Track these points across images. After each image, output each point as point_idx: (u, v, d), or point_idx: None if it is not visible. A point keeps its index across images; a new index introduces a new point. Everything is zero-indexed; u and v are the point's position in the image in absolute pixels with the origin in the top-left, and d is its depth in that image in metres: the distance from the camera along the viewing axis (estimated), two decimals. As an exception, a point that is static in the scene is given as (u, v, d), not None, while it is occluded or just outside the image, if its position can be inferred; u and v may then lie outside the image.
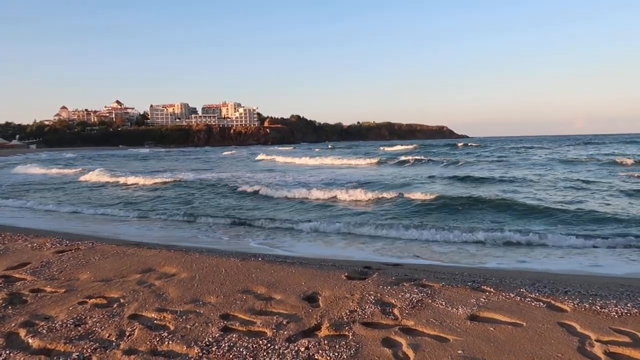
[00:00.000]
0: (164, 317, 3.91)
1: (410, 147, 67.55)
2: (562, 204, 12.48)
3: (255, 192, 16.28)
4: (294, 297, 4.35)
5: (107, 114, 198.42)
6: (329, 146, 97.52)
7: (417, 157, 37.22)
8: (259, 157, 51.25)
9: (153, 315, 3.96)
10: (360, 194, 14.66)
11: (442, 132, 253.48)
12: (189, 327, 3.67)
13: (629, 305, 4.17)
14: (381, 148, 70.28)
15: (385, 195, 14.54)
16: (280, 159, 45.75)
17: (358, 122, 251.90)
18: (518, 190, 16.32)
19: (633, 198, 13.87)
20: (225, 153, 68.39)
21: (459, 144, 71.22)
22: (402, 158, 37.58)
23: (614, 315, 3.92)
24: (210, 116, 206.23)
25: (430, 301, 4.22)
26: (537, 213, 11.31)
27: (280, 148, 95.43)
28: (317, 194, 15.07)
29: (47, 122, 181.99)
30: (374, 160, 37.13)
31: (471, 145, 70.24)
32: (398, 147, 67.03)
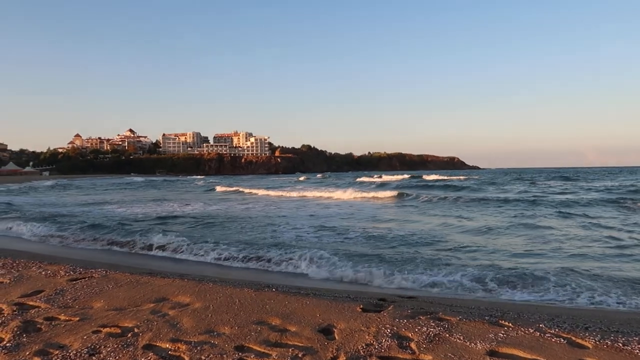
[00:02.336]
0: (178, 347, 3.87)
1: (397, 177, 65.34)
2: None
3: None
4: (309, 329, 4.30)
5: (120, 142, 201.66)
6: (318, 176, 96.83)
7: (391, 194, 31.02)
8: (218, 188, 48.80)
9: (167, 345, 3.93)
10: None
11: (452, 163, 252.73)
12: (203, 358, 3.63)
13: (653, 342, 4.07)
14: (373, 177, 68.21)
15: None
16: (248, 190, 42.32)
17: (369, 153, 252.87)
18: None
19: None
20: (198, 183, 63.14)
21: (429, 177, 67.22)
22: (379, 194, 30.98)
23: (638, 352, 3.82)
24: (221, 145, 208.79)
25: (447, 335, 4.15)
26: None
27: (277, 178, 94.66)
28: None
29: (60, 150, 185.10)
30: (357, 195, 31.22)
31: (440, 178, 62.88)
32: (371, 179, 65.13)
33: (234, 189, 46.12)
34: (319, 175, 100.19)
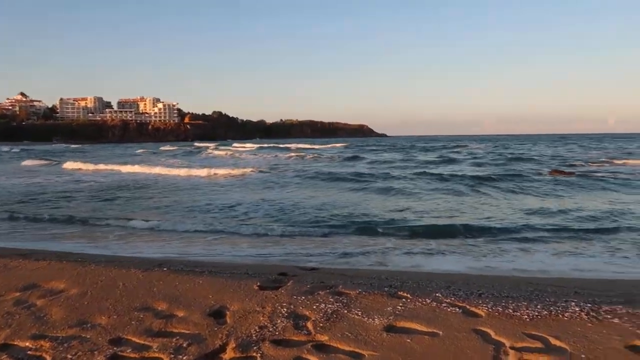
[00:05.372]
0: (40, 345, 3.35)
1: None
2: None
3: None
4: (199, 314, 3.94)
5: (10, 107, 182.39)
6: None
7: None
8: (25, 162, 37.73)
9: (27, 343, 3.39)
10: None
11: (362, 131, 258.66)
12: (69, 357, 3.15)
13: (539, 307, 4.19)
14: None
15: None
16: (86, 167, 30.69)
17: (281, 120, 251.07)
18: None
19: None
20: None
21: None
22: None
23: (526, 318, 3.89)
24: (126, 111, 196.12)
25: (346, 312, 3.99)
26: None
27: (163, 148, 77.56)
28: None
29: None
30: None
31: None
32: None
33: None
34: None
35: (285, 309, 4.02)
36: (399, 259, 7.72)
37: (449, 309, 4.09)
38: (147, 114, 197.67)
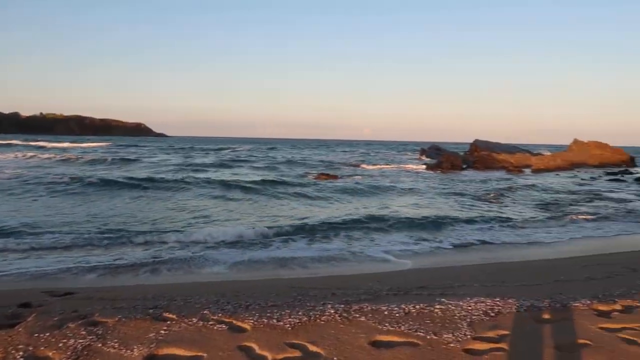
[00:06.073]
0: None
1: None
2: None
3: None
4: None
5: None
6: None
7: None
8: None
9: None
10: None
11: (139, 130, 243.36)
12: None
13: (300, 313, 4.41)
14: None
15: None
16: None
17: (41, 113, 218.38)
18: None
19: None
20: None
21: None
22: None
23: (288, 327, 4.05)
24: None
25: (100, 345, 3.56)
26: None
27: None
28: None
29: None
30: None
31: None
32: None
33: None
34: None
35: (21, 353, 3.38)
36: (171, 269, 7.51)
37: (215, 327, 4.01)
38: None
